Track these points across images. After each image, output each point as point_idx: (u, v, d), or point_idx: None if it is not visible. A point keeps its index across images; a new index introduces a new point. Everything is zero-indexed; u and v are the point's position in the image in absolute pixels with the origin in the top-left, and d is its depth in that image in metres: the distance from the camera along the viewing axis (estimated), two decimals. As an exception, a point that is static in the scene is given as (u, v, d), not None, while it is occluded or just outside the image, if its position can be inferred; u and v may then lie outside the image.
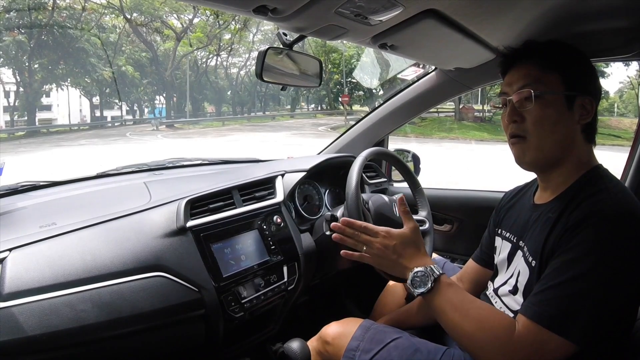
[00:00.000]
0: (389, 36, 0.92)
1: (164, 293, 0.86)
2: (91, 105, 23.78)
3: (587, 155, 0.80)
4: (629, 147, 1.36)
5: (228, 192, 1.11)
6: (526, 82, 0.78)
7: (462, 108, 17.80)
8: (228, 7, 0.76)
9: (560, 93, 0.77)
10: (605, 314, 0.66)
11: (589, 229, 0.68)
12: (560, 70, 0.77)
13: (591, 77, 0.80)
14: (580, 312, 0.65)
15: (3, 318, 0.70)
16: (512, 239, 0.88)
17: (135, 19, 21.69)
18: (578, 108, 0.77)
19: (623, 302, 0.68)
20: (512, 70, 0.82)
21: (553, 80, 0.77)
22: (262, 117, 25.96)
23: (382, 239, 0.81)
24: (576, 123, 0.77)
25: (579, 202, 0.72)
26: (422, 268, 0.77)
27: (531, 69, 0.79)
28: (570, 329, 0.65)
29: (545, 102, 0.76)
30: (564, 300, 0.66)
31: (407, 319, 1.09)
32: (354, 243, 0.83)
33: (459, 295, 0.76)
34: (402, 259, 0.80)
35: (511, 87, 0.81)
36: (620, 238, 0.67)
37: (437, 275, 0.76)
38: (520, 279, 0.81)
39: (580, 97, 0.77)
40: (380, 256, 0.81)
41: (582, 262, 0.66)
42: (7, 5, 16.71)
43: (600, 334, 0.67)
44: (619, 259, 0.66)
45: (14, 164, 1.73)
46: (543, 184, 0.84)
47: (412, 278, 0.77)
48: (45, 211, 0.99)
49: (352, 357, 0.92)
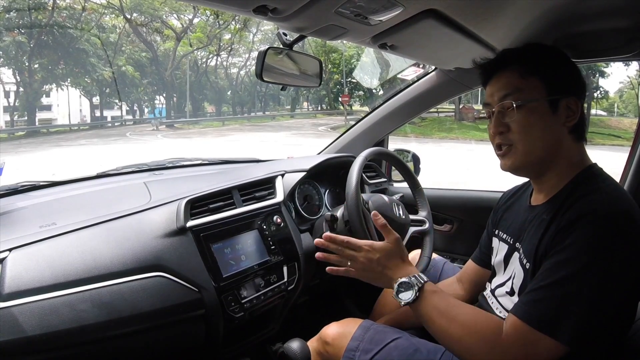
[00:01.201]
0: (389, 36, 0.92)
1: (164, 293, 0.86)
2: (91, 105, 23.77)
3: (579, 155, 0.79)
4: (629, 147, 1.36)
5: (228, 192, 1.11)
6: (507, 91, 0.77)
7: (462, 108, 17.78)
8: (228, 7, 0.76)
9: (542, 99, 0.75)
10: (597, 315, 0.65)
11: (581, 229, 0.67)
12: (540, 74, 0.76)
13: (574, 76, 0.78)
14: (571, 313, 0.64)
15: (3, 318, 0.70)
16: (508, 241, 0.88)
17: (135, 19, 21.69)
18: (563, 110, 0.76)
19: (616, 302, 0.67)
20: (492, 80, 0.81)
21: (534, 86, 0.76)
22: (262, 117, 25.95)
23: (365, 253, 0.84)
24: (562, 125, 0.76)
25: (572, 203, 0.71)
26: (406, 278, 0.79)
27: (510, 77, 0.78)
28: (560, 329, 0.64)
29: (529, 110, 0.76)
30: (554, 301, 0.66)
31: (407, 319, 1.09)
32: (338, 259, 0.86)
33: (444, 301, 0.77)
34: (387, 270, 0.82)
35: (492, 97, 0.80)
36: (613, 238, 0.66)
37: (421, 284, 0.77)
38: (516, 281, 0.80)
39: (564, 98, 0.76)
40: (365, 269, 0.84)
41: (574, 263, 0.66)
42: (7, 5, 16.70)
43: (591, 335, 0.66)
44: (611, 259, 0.65)
45: (14, 164, 1.73)
46: (537, 187, 0.84)
47: (397, 288, 0.79)
48: (45, 211, 0.99)
49: (352, 357, 0.91)
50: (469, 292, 1.05)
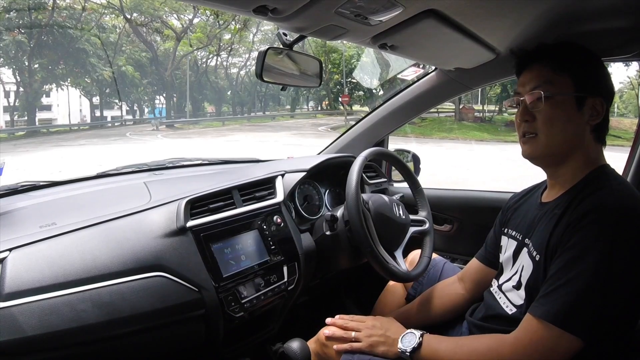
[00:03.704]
0: (389, 36, 0.92)
1: (164, 293, 0.86)
2: (91, 105, 23.76)
3: (596, 155, 0.81)
4: (629, 147, 1.36)
5: (228, 192, 1.11)
6: (538, 83, 0.80)
7: (462, 108, 17.79)
8: (228, 7, 0.76)
9: (570, 94, 0.78)
10: (609, 310, 0.67)
11: (591, 224, 0.69)
12: (571, 71, 0.79)
13: (602, 78, 0.81)
14: (585, 308, 0.66)
15: (3, 318, 0.70)
16: (517, 237, 0.89)
17: (135, 19, 21.67)
18: (588, 109, 0.78)
19: (627, 297, 0.68)
20: (525, 71, 0.84)
21: (564, 82, 0.79)
22: (262, 117, 25.93)
23: (369, 322, 0.95)
24: (586, 123, 0.79)
25: (583, 198, 0.74)
26: (406, 332, 0.88)
27: (543, 70, 0.81)
28: (575, 324, 0.66)
29: (555, 103, 0.78)
30: (568, 297, 0.68)
31: (407, 319, 1.09)
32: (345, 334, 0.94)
33: (444, 339, 0.86)
34: (389, 332, 0.91)
35: (524, 87, 0.83)
36: (622, 233, 0.68)
37: (421, 333, 0.86)
38: (524, 273, 0.82)
39: (590, 98, 0.78)
40: (371, 335, 0.91)
41: (585, 258, 0.68)
42: (7, 5, 16.70)
43: (604, 329, 0.68)
44: (621, 255, 0.67)
45: (14, 164, 1.73)
46: (551, 181, 0.86)
47: (402, 341, 0.87)
48: (45, 211, 0.99)
49: (352, 357, 0.92)
50: (470, 291, 1.05)
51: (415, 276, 1.12)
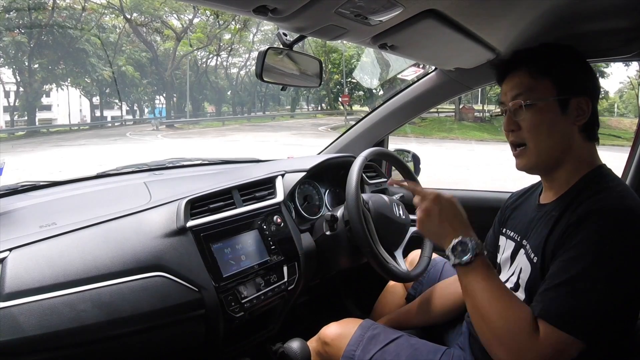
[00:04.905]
0: (389, 36, 0.92)
1: (164, 293, 0.86)
2: (91, 105, 23.76)
3: (589, 155, 0.80)
4: (629, 147, 1.36)
5: (228, 192, 1.11)
6: (518, 91, 0.79)
7: (462, 108, 17.78)
8: (228, 7, 0.76)
9: (552, 98, 0.77)
10: (609, 311, 0.66)
11: (590, 226, 0.68)
12: (551, 74, 0.78)
13: (585, 76, 0.80)
14: (585, 309, 0.66)
15: (3, 318, 0.70)
16: (515, 238, 0.88)
17: (135, 19, 21.67)
18: (573, 109, 0.77)
19: (626, 299, 0.68)
20: (506, 79, 0.83)
21: (544, 86, 0.78)
22: (262, 117, 25.94)
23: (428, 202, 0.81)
24: (572, 124, 0.77)
25: (581, 201, 0.73)
26: (467, 239, 0.75)
27: (522, 77, 0.80)
28: (575, 325, 0.66)
29: (538, 110, 0.77)
30: (568, 297, 0.67)
31: (407, 319, 1.10)
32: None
33: (493, 278, 0.74)
34: (446, 223, 0.79)
35: (506, 96, 0.82)
36: (621, 234, 0.67)
37: (479, 251, 0.75)
38: (522, 275, 0.81)
39: (575, 98, 0.77)
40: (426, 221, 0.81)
41: (584, 259, 0.67)
42: (7, 5, 16.70)
43: (604, 331, 0.67)
44: (620, 256, 0.66)
45: (14, 164, 1.73)
46: (547, 185, 0.85)
47: (454, 245, 0.76)
48: (45, 211, 0.99)
49: (352, 357, 0.92)
50: None
51: (415, 276, 1.12)
